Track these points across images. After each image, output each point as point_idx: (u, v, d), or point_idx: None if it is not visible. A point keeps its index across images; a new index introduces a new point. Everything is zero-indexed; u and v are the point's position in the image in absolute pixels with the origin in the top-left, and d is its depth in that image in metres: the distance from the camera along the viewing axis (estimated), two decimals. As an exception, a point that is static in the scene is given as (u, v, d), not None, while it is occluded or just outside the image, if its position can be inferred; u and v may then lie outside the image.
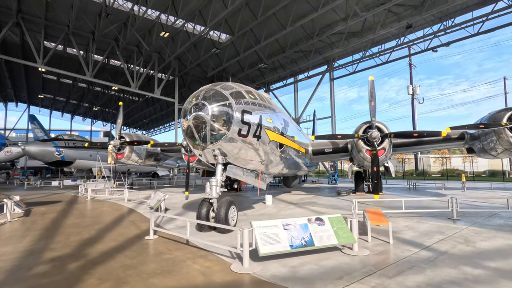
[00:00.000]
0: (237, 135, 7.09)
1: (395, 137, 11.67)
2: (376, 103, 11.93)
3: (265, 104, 8.33)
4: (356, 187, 16.76)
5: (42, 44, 38.35)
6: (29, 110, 74.59)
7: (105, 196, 15.92)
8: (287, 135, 10.00)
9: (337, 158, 17.46)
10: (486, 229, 7.26)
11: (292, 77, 44.20)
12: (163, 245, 6.13)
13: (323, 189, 20.97)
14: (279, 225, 5.06)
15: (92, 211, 11.18)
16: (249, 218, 9.15)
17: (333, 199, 14.18)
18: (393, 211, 9.53)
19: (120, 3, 32.53)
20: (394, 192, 17.53)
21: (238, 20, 30.90)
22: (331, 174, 26.41)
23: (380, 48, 33.79)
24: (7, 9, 34.12)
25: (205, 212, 7.14)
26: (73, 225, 8.51)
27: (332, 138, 13.02)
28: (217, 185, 7.40)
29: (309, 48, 35.66)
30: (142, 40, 36.67)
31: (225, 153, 7.45)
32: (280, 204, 12.70)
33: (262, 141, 8.03)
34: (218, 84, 7.44)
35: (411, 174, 39.46)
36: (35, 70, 46.23)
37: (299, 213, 10.09)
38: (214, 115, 6.70)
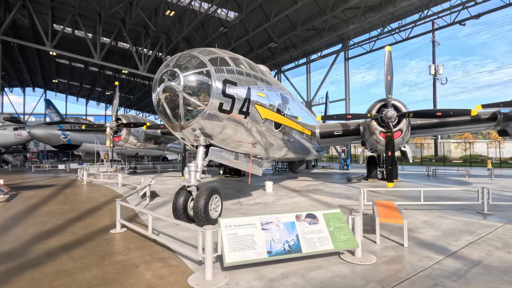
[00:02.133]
0: (218, 111, 5.86)
1: (415, 116, 10.09)
2: (393, 78, 10.30)
3: (256, 75, 6.99)
4: (369, 174, 15.31)
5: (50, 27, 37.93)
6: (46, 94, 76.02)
7: (102, 180, 15.29)
8: (286, 114, 8.66)
9: (348, 142, 15.98)
10: (528, 228, 5.82)
11: (305, 57, 41.93)
12: (125, 241, 5.14)
13: (333, 175, 19.61)
14: (256, 223, 3.88)
15: (77, 197, 10.45)
16: (241, 208, 8.07)
17: (342, 187, 12.86)
18: (409, 203, 8.17)
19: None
20: (411, 179, 15.96)
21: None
22: (342, 159, 24.87)
23: (400, 24, 30.95)
24: (12, -10, 33.59)
25: (182, 202, 6.07)
26: (46, 212, 7.72)
27: (342, 118, 11.57)
28: (196, 170, 6.27)
29: (323, 25, 33.27)
30: (148, 21, 35.44)
31: (207, 133, 6.27)
32: (281, 191, 11.54)
33: (252, 119, 6.77)
34: (197, 49, 6.16)
35: (430, 160, 37.14)
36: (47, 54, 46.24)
37: (299, 203, 8.91)
38: (188, 85, 5.47)
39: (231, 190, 11.75)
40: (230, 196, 10.19)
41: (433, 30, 31.53)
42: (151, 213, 4.99)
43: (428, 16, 27.87)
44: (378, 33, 32.11)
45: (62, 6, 36.38)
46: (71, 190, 12.47)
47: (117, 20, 38.15)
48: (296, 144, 11.32)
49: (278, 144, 9.22)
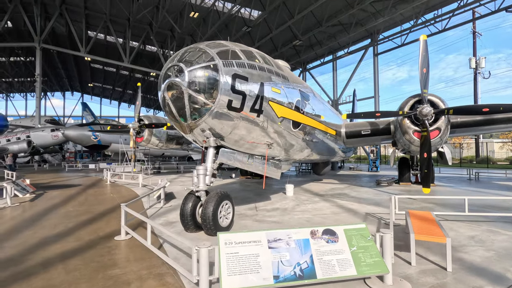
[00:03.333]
0: (227, 109, 5.33)
1: (456, 113, 8.87)
2: (429, 71, 9.16)
3: (271, 69, 6.37)
4: (400, 177, 14.01)
5: (84, 33, 40.06)
6: (83, 98, 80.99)
7: (124, 180, 15.47)
8: (306, 112, 7.93)
9: (377, 142, 14.78)
10: None
11: (331, 54, 40.42)
12: (127, 251, 4.77)
13: (361, 177, 18.38)
14: (262, 240, 3.28)
15: (96, 198, 10.48)
16: (257, 215, 7.49)
17: (370, 191, 11.82)
18: (450, 213, 7.08)
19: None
20: (450, 183, 14.41)
21: (269, -8, 28.41)
22: (371, 160, 23.36)
23: (435, 14, 28.60)
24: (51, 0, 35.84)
25: (190, 208, 5.62)
26: (61, 214, 7.68)
27: (369, 116, 10.55)
28: (205, 174, 5.79)
29: (349, 20, 31.73)
30: (174, 23, 36.12)
31: (218, 133, 5.77)
32: (302, 195, 10.79)
33: (267, 118, 6.16)
34: (206, 42, 5.68)
35: (471, 162, 34.02)
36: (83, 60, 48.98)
37: (321, 209, 8.14)
38: (193, 81, 5.00)
39: (249, 193, 11.22)
40: (247, 200, 9.65)
41: (474, 19, 28.80)
42: (151, 222, 4.57)
43: (468, 4, 25.44)
44: (410, 26, 29.95)
45: (95, 14, 38.19)
46: (93, 190, 12.65)
47: (145, 24, 39.34)
48: (318, 144, 10.53)
49: (298, 145, 8.52)
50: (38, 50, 38.73)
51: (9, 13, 35.92)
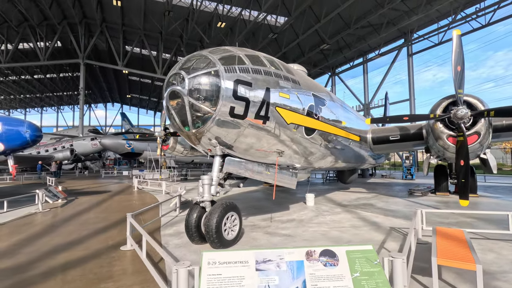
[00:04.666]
0: (230, 116, 5.11)
1: (497, 115, 7.79)
2: (464, 68, 8.22)
3: (279, 73, 6.05)
4: (437, 186, 12.71)
5: (122, 48, 42.96)
6: (122, 108, 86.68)
7: (151, 187, 15.93)
8: (321, 117, 7.44)
9: (408, 148, 13.65)
10: None
11: (361, 57, 38.89)
12: (127, 262, 4.71)
13: (393, 186, 17.09)
14: (249, 261, 2.96)
15: (118, 205, 10.83)
16: (270, 226, 7.14)
17: (401, 202, 10.84)
18: (491, 231, 6.13)
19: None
20: (497, 194, 12.77)
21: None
22: (405, 167, 21.70)
23: (477, 8, 26.23)
24: (93, 20, 39.01)
25: (195, 220, 5.45)
26: (81, 221, 7.99)
27: (396, 120, 9.66)
28: (211, 183, 5.60)
29: (380, 20, 30.30)
30: (203, 34, 37.32)
31: (224, 141, 5.57)
32: (324, 205, 10.19)
33: (274, 124, 5.83)
34: (211, 48, 5.56)
35: (526, 169, 30.31)
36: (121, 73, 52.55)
37: (340, 221, 7.54)
38: (194, 89, 4.87)
39: (268, 202, 10.87)
40: (264, 210, 9.32)
41: (524, 10, 25.88)
42: (147, 236, 4.42)
43: (517, -7, 22.99)
44: (449, 22, 27.77)
45: (131, 29, 40.80)
46: (119, 197, 13.14)
47: (176, 37, 41.11)
48: (340, 151, 9.90)
49: (315, 152, 8.04)
50: (82, 65, 42.17)
51: (58, 33, 39.66)
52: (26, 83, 60.13)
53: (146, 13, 36.12)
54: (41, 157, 30.16)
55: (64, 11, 37.14)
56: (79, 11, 37.11)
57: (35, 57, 41.67)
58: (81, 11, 37.47)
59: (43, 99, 72.94)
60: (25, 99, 70.45)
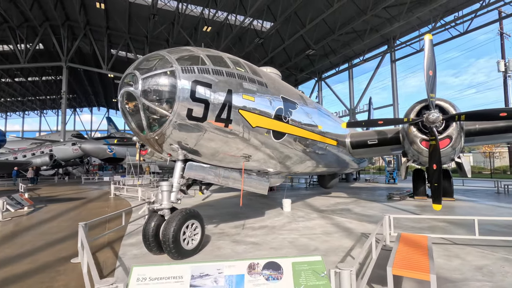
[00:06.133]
0: (188, 119, 4.86)
1: (468, 119, 7.83)
2: (436, 73, 8.26)
3: (244, 75, 5.86)
4: (415, 190, 12.75)
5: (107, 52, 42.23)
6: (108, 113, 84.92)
7: (128, 194, 15.40)
8: (291, 121, 7.28)
9: (386, 152, 13.67)
10: None
11: (346, 62, 39.39)
12: (71, 277, 4.36)
13: (375, 190, 17.11)
14: (184, 276, 2.71)
15: (88, 212, 10.35)
16: (239, 234, 6.87)
17: (378, 206, 10.77)
18: (459, 236, 6.05)
19: (165, 1, 33.44)
20: (474, 198, 12.89)
21: (280, 4, 28.37)
22: (388, 172, 21.86)
23: (456, 16, 27.03)
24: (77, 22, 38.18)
25: (152, 228, 5.14)
26: (42, 231, 7.55)
27: (371, 124, 9.66)
28: (170, 190, 5.31)
29: (363, 27, 30.80)
30: (189, 39, 37.05)
31: (184, 146, 5.31)
32: (301, 211, 9.99)
33: (238, 127, 5.61)
34: (172, 48, 5.33)
35: (504, 172, 31.09)
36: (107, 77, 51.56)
37: (313, 227, 7.35)
38: (147, 90, 4.61)
39: (246, 208, 10.59)
40: (239, 216, 9.04)
41: (500, 19, 26.85)
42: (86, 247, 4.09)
43: (491, 3, 23.77)
44: (429, 29, 28.47)
45: (116, 33, 40.17)
46: (92, 204, 12.61)
47: (162, 41, 40.64)
48: (317, 156, 9.78)
49: (287, 157, 7.86)
50: (65, 68, 41.13)
51: (40, 35, 38.63)
52: (6, 86, 58.20)
53: (131, 16, 35.66)
54: (17, 163, 29.03)
55: (45, 13, 36.23)
56: (61, 13, 36.27)
57: (16, 59, 40.42)
58: (63, 13, 36.65)
59: (25, 102, 70.77)
60: (5, 103, 68.18)
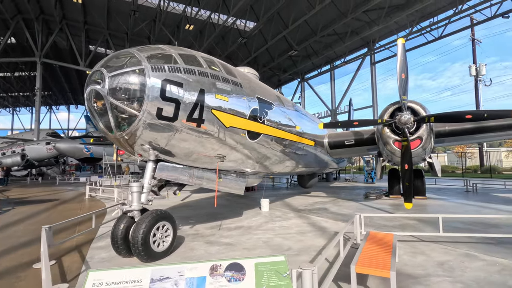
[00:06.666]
0: (158, 118, 4.77)
1: (437, 121, 8.17)
2: (408, 76, 8.55)
3: (217, 75, 5.83)
4: (390, 189, 13.17)
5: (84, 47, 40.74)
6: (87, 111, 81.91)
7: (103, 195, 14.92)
8: (267, 121, 7.32)
9: (362, 152, 14.03)
10: None
11: (328, 64, 40.09)
12: (31, 283, 4.16)
13: (353, 189, 17.51)
14: (143, 279, 2.65)
15: (59, 215, 9.93)
16: (214, 235, 6.82)
17: (355, 205, 11.02)
18: (426, 234, 6.30)
19: (146, -2, 32.71)
20: (444, 196, 13.47)
21: (263, 4, 28.46)
22: (366, 171, 22.46)
23: (431, 21, 28.14)
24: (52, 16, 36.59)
25: (122, 231, 5.00)
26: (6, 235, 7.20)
27: (347, 125, 9.92)
28: (140, 191, 5.19)
29: (344, 29, 31.48)
30: (171, 37, 36.44)
31: (154, 146, 5.20)
32: (278, 210, 10.06)
33: (211, 127, 5.56)
34: (142, 46, 5.21)
35: (475, 171, 32.69)
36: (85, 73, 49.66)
37: (289, 227, 7.42)
38: (115, 88, 4.48)
39: (223, 209, 10.54)
40: (216, 217, 8.98)
41: (472, 25, 28.25)
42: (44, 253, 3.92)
43: (464, 10, 24.91)
44: (406, 34, 29.47)
45: (95, 28, 38.86)
46: (64, 206, 12.13)
47: (143, 38, 39.69)
48: (295, 156, 9.88)
49: (264, 157, 7.88)
50: (39, 64, 39.32)
51: (11, 29, 36.72)
52: (-25, 82, 55.01)
53: (110, 12, 34.61)
54: (-15, 163, 27.46)
55: (18, 5, 34.48)
56: (35, 6, 34.65)
57: (-15, 53, 38.22)
58: (37, 6, 35.01)
59: (-5, 99, 67.15)
60: (-26, 99, 64.45)
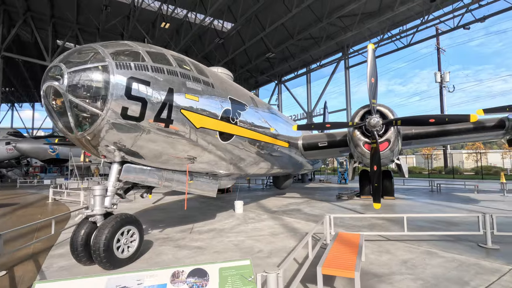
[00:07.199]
0: (122, 118, 4.56)
1: (403, 124, 8.55)
2: (377, 80, 8.86)
3: (188, 74, 5.69)
4: (361, 190, 13.61)
5: (51, 42, 38.42)
6: (49, 109, 77.15)
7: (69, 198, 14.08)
8: (240, 122, 7.27)
9: (335, 154, 14.40)
10: (547, 275, 4.18)
11: (304, 67, 40.83)
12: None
13: (327, 190, 17.90)
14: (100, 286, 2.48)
15: (17, 220, 9.24)
16: (185, 238, 6.64)
17: (327, 206, 11.25)
18: (392, 233, 6.54)
19: (119, -8, 31.56)
20: (411, 196, 14.15)
21: (240, 5, 28.46)
22: (340, 172, 23.10)
23: (401, 29, 29.56)
24: (14, 7, 34.21)
25: (82, 237, 4.70)
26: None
27: (320, 127, 10.13)
28: (104, 194, 4.92)
29: (320, 34, 32.26)
30: (146, 34, 35.39)
31: (121, 147, 4.96)
32: (252, 212, 10.02)
33: (180, 128, 5.41)
34: (107, 42, 4.95)
35: (440, 172, 34.72)
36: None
37: (261, 229, 7.40)
38: (75, 85, 4.22)
39: (196, 211, 10.33)
40: (189, 220, 8.77)
41: (437, 35, 30.03)
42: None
43: (430, 20, 26.44)
44: (378, 40, 30.75)
45: (63, 22, 36.88)
46: (24, 211, 11.29)
47: (116, 34, 38.19)
48: (269, 157, 9.90)
49: (237, 159, 7.82)
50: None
51: (-33, 20, 33.90)
52: None
53: (80, 5, 33.00)
54: None
55: (-26, -6, 31.92)
56: (-5, -4, 32.26)
57: None
58: (-3, -4, 32.61)
59: (-51, 95, 61.48)
60: None
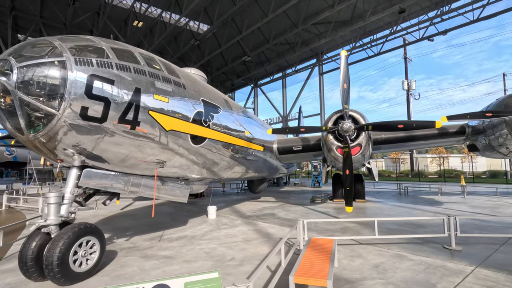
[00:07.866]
0: (82, 118, 4.19)
1: (374, 129, 8.78)
2: (349, 86, 9.05)
3: (157, 73, 5.41)
4: (334, 193, 13.86)
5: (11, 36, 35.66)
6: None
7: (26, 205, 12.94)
8: (212, 125, 7.06)
9: (309, 158, 14.59)
10: (508, 275, 4.38)
11: (280, 72, 41.33)
12: None
13: (301, 194, 18.07)
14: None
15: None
16: (153, 247, 6.26)
17: (301, 210, 11.28)
18: (363, 237, 6.63)
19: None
20: (380, 199, 14.63)
21: (216, 7, 28.25)
22: (314, 176, 23.49)
23: (372, 38, 30.92)
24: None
25: (34, 250, 4.22)
26: None
27: (295, 131, 10.21)
28: (59, 202, 4.48)
29: (295, 39, 32.85)
30: (118, 33, 33.93)
31: (81, 150, 4.55)
32: (226, 217, 9.79)
33: (148, 130, 5.11)
34: (65, 36, 4.55)
35: (407, 176, 36.57)
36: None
37: (235, 235, 7.20)
38: (26, 81, 3.80)
39: (167, 217, 9.91)
40: (159, 226, 8.35)
41: (404, 45, 31.72)
42: None
43: (398, 31, 27.90)
44: (350, 48, 31.88)
45: (25, 15, 34.37)
46: (-29, 219, 10.18)
47: (85, 31, 36.18)
48: (244, 161, 9.74)
49: (210, 163, 7.58)
50: (-51, 51, 33.28)
51: None
52: None
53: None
54: None
55: None
56: None
57: None
58: None
59: None
60: None
